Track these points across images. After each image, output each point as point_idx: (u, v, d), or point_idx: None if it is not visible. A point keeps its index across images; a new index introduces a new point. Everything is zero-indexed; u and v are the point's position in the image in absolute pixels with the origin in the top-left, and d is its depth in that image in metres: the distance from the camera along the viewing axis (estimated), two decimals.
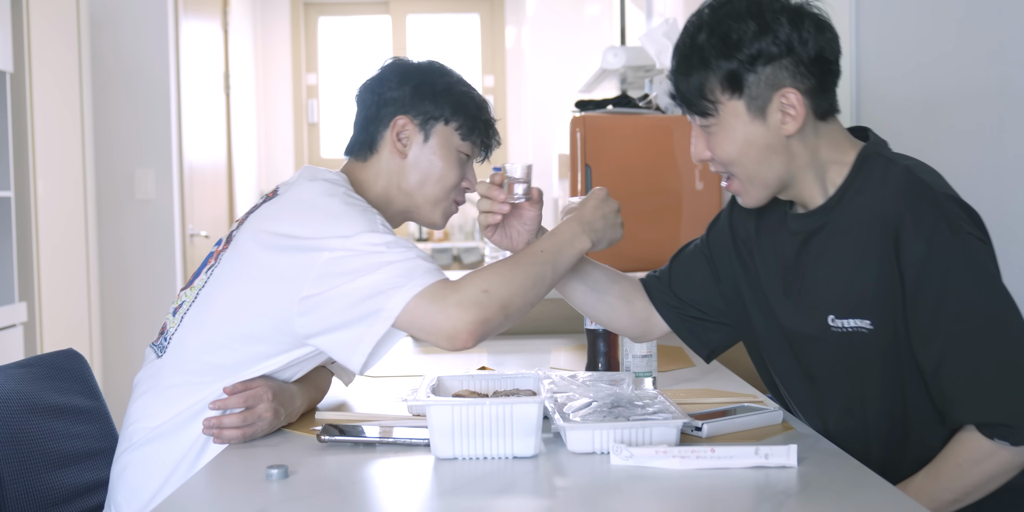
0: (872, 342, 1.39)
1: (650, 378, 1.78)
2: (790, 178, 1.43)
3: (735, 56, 1.35)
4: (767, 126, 1.38)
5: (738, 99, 1.37)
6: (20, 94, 3.16)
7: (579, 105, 2.75)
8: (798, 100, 1.36)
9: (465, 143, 1.63)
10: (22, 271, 3.15)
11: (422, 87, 1.61)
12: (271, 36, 5.98)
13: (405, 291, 1.35)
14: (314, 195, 1.48)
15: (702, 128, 1.42)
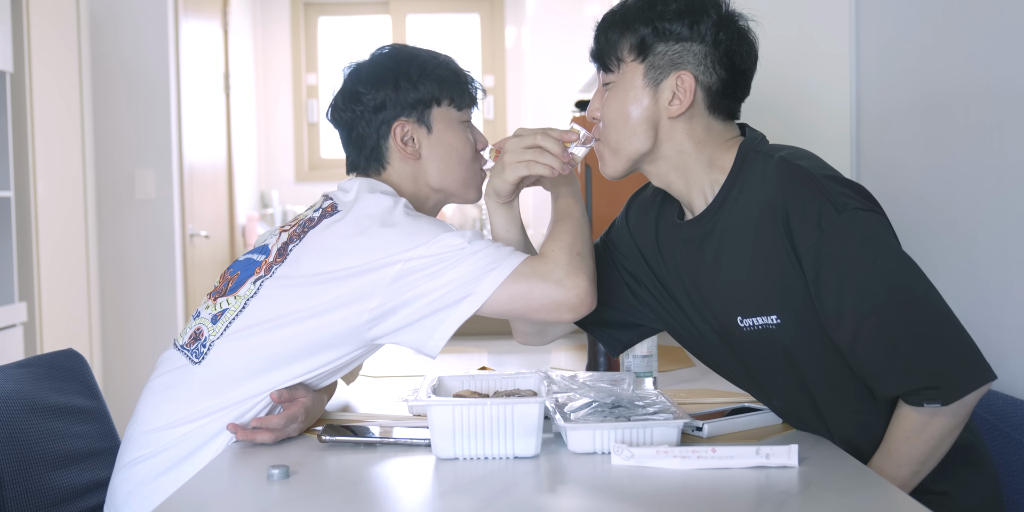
0: (783, 335, 1.39)
1: (650, 378, 1.78)
2: (661, 161, 1.44)
3: (653, 23, 1.40)
4: (655, 100, 1.41)
5: (640, 63, 1.41)
6: (20, 94, 3.16)
7: (579, 105, 2.75)
8: (691, 86, 1.40)
9: (462, 112, 1.63)
10: (22, 271, 3.15)
11: (400, 83, 1.59)
12: (271, 36, 5.97)
13: (496, 273, 1.38)
14: (382, 210, 1.46)
15: (603, 86, 1.46)
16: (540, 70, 5.22)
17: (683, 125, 1.42)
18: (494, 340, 2.55)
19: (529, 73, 5.35)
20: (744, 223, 1.39)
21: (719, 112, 1.44)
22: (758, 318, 1.40)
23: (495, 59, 6.03)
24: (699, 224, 1.45)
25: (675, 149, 1.43)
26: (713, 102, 1.42)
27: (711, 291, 1.45)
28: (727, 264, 1.42)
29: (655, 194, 1.58)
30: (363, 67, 1.63)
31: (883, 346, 1.32)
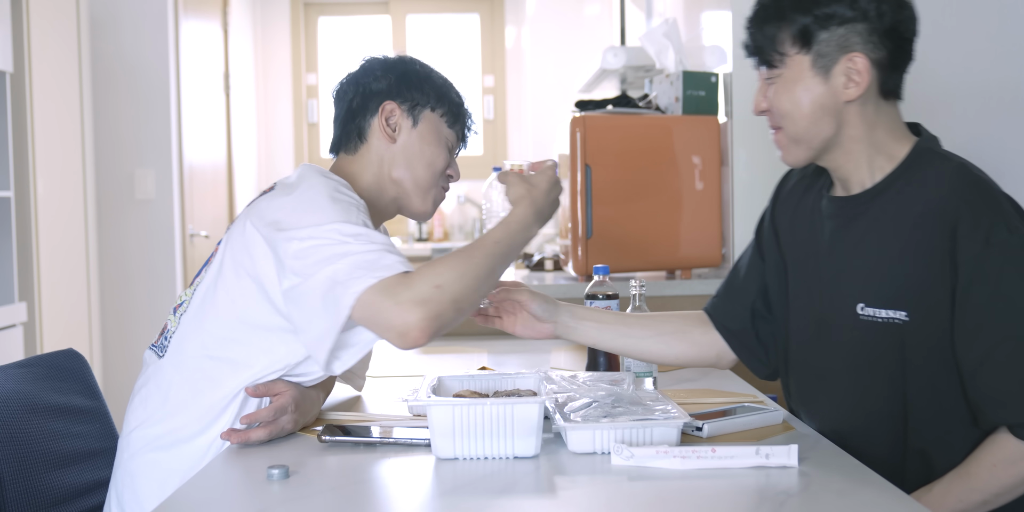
0: (902, 334, 1.38)
1: (650, 378, 1.78)
2: (837, 146, 1.44)
3: (811, 11, 1.38)
4: (828, 86, 1.40)
5: (805, 54, 1.40)
6: (20, 94, 3.16)
7: (579, 105, 2.75)
8: (864, 66, 1.38)
9: (451, 131, 1.66)
10: (22, 271, 3.15)
11: (407, 75, 1.63)
12: (271, 36, 5.97)
13: (359, 283, 1.30)
14: (302, 185, 1.47)
15: (766, 80, 1.45)
16: (540, 70, 5.22)
17: (857, 108, 1.41)
18: (494, 340, 2.55)
19: (529, 73, 5.35)
20: (903, 215, 1.39)
21: (888, 91, 1.42)
22: (884, 310, 1.39)
23: (495, 59, 6.03)
24: (853, 203, 1.45)
25: (849, 133, 1.42)
26: (885, 77, 1.41)
27: (840, 273, 1.45)
28: (870, 250, 1.41)
29: (802, 177, 1.59)
30: (384, 57, 1.68)
31: (1010, 374, 1.32)
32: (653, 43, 2.90)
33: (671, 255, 2.69)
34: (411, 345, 1.31)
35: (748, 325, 1.65)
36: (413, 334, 1.30)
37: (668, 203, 2.67)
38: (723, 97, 2.73)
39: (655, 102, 2.81)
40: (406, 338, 1.31)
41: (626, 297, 1.92)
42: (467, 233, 5.85)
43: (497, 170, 2.97)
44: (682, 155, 2.68)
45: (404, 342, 1.31)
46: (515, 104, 5.91)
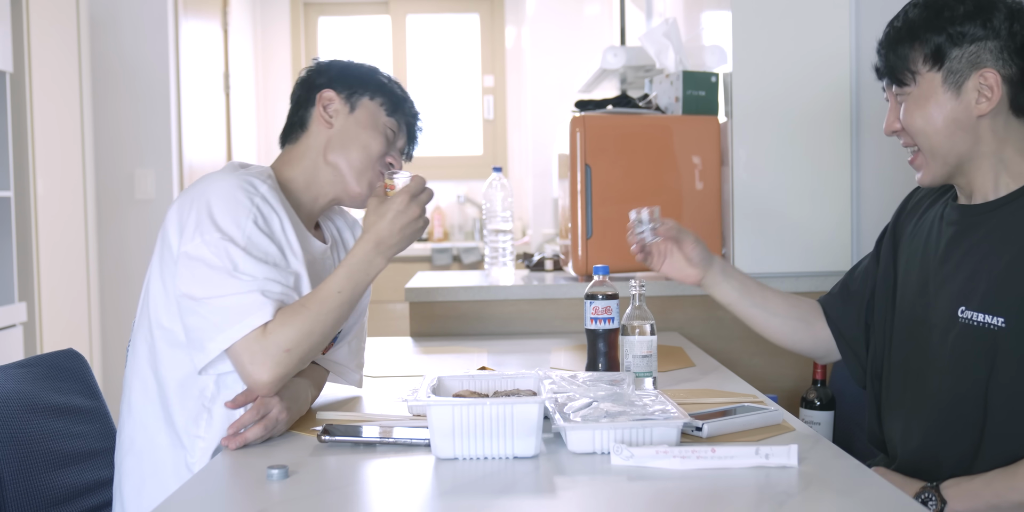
0: (996, 340, 1.39)
1: (650, 378, 1.78)
2: (969, 161, 1.47)
3: (945, 29, 1.43)
4: (960, 102, 1.44)
5: (937, 72, 1.44)
6: (20, 94, 3.16)
7: (579, 105, 2.75)
8: (996, 82, 1.42)
9: (391, 119, 1.69)
10: (22, 271, 3.15)
11: (349, 68, 1.71)
12: (271, 36, 5.97)
13: (223, 338, 1.44)
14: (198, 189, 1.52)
15: (897, 98, 1.50)
16: (540, 70, 5.22)
17: (988, 122, 1.45)
18: (494, 340, 2.55)
19: (529, 73, 5.35)
20: (1020, 228, 1.41)
21: (1019, 107, 1.45)
22: (982, 315, 1.41)
23: (495, 59, 6.03)
24: (976, 211, 1.48)
25: (982, 148, 1.46)
26: (1015, 93, 1.44)
27: (949, 276, 1.48)
28: (982, 257, 1.44)
29: (930, 191, 1.63)
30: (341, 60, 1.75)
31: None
32: (653, 43, 2.90)
33: None
34: (260, 394, 1.47)
35: (860, 333, 1.71)
36: (262, 389, 1.46)
37: (668, 203, 2.67)
38: (723, 97, 2.73)
39: (655, 102, 2.81)
40: (256, 390, 1.47)
41: (626, 297, 1.92)
42: (467, 233, 5.85)
43: (497, 170, 2.97)
44: (682, 155, 2.68)
45: (255, 391, 1.47)
46: (515, 104, 5.91)
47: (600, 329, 1.85)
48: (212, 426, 1.54)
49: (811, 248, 2.67)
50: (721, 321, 2.66)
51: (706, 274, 1.71)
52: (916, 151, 1.51)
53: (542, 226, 5.10)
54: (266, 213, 1.52)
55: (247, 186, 1.52)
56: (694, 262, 1.69)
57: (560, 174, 2.90)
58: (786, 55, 2.59)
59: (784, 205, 2.65)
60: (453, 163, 5.99)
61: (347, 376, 1.78)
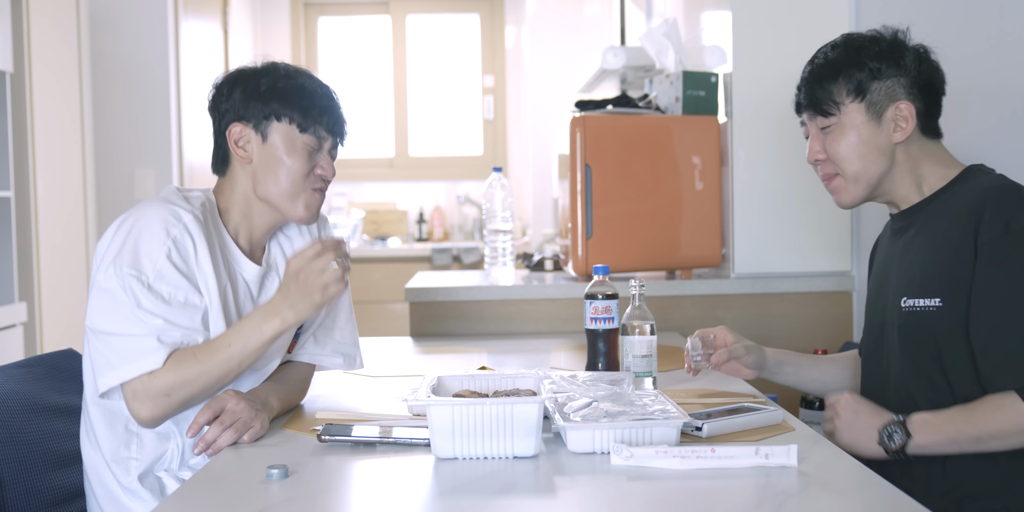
0: (935, 321, 1.52)
1: (650, 378, 1.78)
2: (888, 181, 1.63)
3: (866, 65, 1.61)
4: (880, 130, 1.61)
5: (859, 103, 1.61)
6: (20, 94, 3.16)
7: (579, 105, 2.75)
8: (910, 112, 1.60)
9: (305, 135, 1.62)
10: (22, 271, 3.15)
11: (247, 90, 1.61)
12: (271, 36, 5.97)
13: (114, 376, 1.49)
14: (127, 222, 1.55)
15: (821, 130, 1.66)
16: (540, 70, 5.22)
17: (904, 147, 1.62)
18: (494, 340, 2.55)
19: (529, 73, 5.35)
20: (945, 215, 1.56)
21: (928, 131, 1.63)
22: (921, 299, 1.54)
23: (495, 59, 6.03)
24: (906, 214, 1.65)
25: (897, 169, 1.63)
26: (925, 122, 1.62)
27: (895, 276, 1.62)
28: (916, 248, 1.59)
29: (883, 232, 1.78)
30: (238, 71, 1.67)
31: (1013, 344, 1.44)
32: (653, 43, 2.90)
33: (671, 255, 2.69)
34: (140, 425, 1.54)
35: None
36: (144, 424, 1.53)
37: (668, 203, 2.67)
38: (723, 97, 2.73)
39: (655, 102, 2.81)
40: (138, 423, 1.53)
41: (626, 297, 1.92)
42: (467, 233, 5.85)
43: (497, 170, 2.97)
44: (682, 155, 2.68)
45: (138, 423, 1.53)
46: (515, 104, 5.90)
47: (600, 329, 1.85)
48: (144, 447, 1.58)
49: (811, 248, 2.67)
50: (721, 321, 2.66)
51: (761, 372, 1.80)
52: (834, 176, 1.66)
53: (542, 226, 5.10)
54: (182, 246, 1.53)
55: (170, 217, 1.54)
56: (750, 366, 1.77)
57: (560, 174, 2.90)
58: (786, 55, 2.59)
59: (784, 205, 2.65)
60: (453, 163, 5.99)
61: (327, 361, 1.78)
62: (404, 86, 6.05)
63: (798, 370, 1.83)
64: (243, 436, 1.46)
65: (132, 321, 1.49)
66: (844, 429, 1.54)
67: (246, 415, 1.47)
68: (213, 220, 1.61)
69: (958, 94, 2.14)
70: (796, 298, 2.66)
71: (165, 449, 1.58)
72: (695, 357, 1.72)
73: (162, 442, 1.58)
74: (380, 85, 6.05)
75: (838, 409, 1.56)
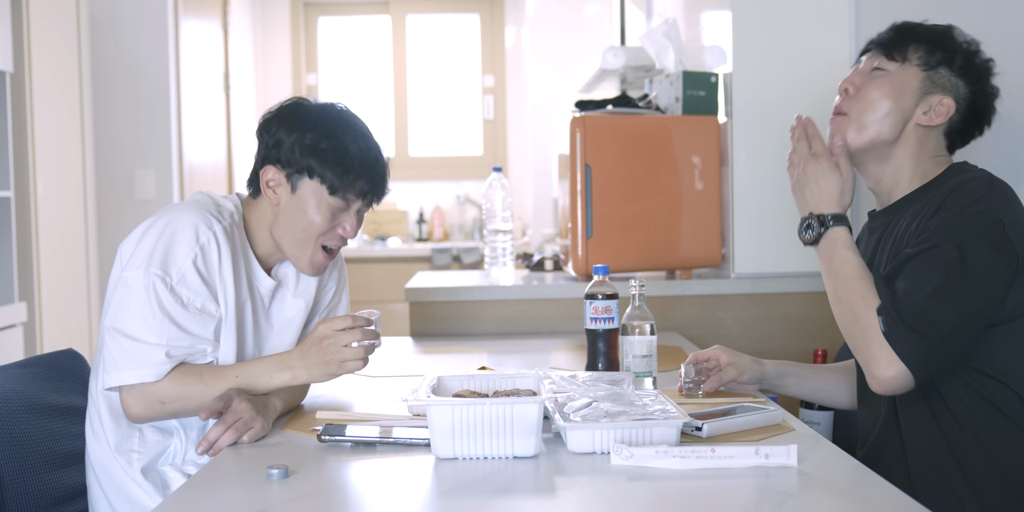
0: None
1: (650, 378, 1.78)
2: (889, 159, 1.63)
3: (955, 51, 1.62)
4: (915, 105, 1.62)
5: (923, 72, 1.62)
6: (20, 94, 3.16)
7: (579, 105, 2.75)
8: (948, 110, 1.61)
9: (333, 198, 1.63)
10: (22, 271, 3.15)
11: (292, 138, 1.63)
12: (271, 36, 5.97)
13: (118, 377, 1.52)
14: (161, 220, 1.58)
15: (871, 70, 1.65)
16: (540, 70, 5.22)
17: (921, 131, 1.63)
18: (494, 340, 2.55)
19: (529, 73, 5.35)
20: (922, 208, 1.57)
21: (951, 136, 1.65)
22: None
23: (495, 59, 6.03)
24: (887, 213, 1.66)
25: (904, 152, 1.63)
26: (951, 130, 1.65)
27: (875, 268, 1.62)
28: (891, 240, 1.61)
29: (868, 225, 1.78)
30: (296, 106, 1.68)
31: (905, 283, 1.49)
32: (653, 43, 2.90)
33: (671, 255, 2.69)
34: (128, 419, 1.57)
35: None
36: (129, 418, 1.56)
37: (668, 203, 2.67)
38: (723, 97, 2.73)
39: (655, 102, 2.81)
40: (126, 415, 1.56)
41: (626, 297, 1.92)
42: (467, 233, 5.85)
43: (497, 170, 2.97)
44: (682, 155, 2.68)
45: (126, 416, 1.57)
46: (515, 104, 5.90)
47: (600, 329, 1.85)
48: (145, 441, 1.60)
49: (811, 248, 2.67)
50: (721, 321, 2.66)
51: (762, 384, 1.81)
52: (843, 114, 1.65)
53: (542, 226, 5.10)
54: (208, 255, 1.57)
55: (202, 225, 1.57)
56: (748, 382, 1.78)
57: (560, 174, 2.90)
58: (786, 55, 2.59)
59: (784, 205, 2.65)
60: (453, 163, 5.99)
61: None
62: (404, 86, 6.05)
63: (800, 381, 1.84)
64: (243, 436, 1.46)
65: (148, 326, 1.52)
66: (809, 175, 1.61)
67: (247, 415, 1.48)
68: (240, 232, 1.65)
69: None
70: (796, 298, 2.66)
71: (168, 444, 1.60)
72: (687, 384, 1.72)
73: (164, 438, 1.60)
74: (380, 85, 6.05)
75: (805, 167, 1.61)
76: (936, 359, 1.45)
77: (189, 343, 1.55)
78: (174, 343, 1.53)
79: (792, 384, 1.83)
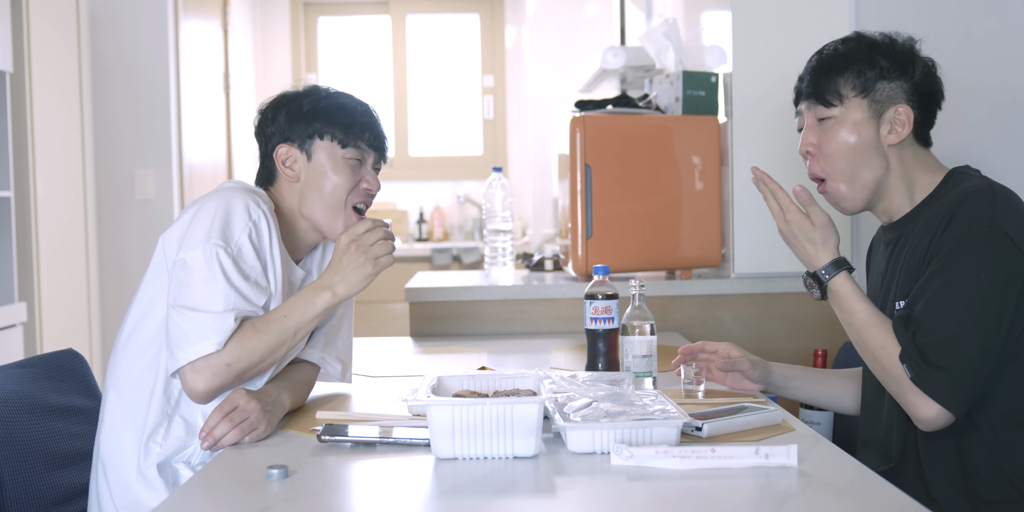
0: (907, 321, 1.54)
1: (650, 378, 1.78)
2: (884, 186, 1.62)
3: (878, 63, 1.60)
4: (876, 130, 1.60)
5: (863, 99, 1.60)
6: (20, 94, 3.16)
7: (579, 105, 2.75)
8: (908, 117, 1.60)
9: (348, 150, 1.69)
10: (22, 271, 3.15)
11: (291, 112, 1.70)
12: (271, 36, 5.97)
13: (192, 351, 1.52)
14: (200, 202, 1.60)
15: (818, 122, 1.64)
16: (540, 70, 5.22)
17: (896, 150, 1.61)
18: (494, 340, 2.55)
19: (529, 73, 5.35)
20: (931, 220, 1.56)
21: (920, 139, 1.63)
22: (901, 301, 1.56)
23: (495, 59, 6.03)
24: (897, 226, 1.65)
25: (895, 176, 1.62)
26: (917, 131, 1.62)
27: (893, 287, 1.62)
28: (907, 255, 1.59)
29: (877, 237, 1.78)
30: (282, 95, 1.75)
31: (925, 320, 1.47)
32: (653, 43, 2.90)
33: (671, 255, 2.69)
34: (194, 401, 1.55)
35: None
36: (196, 398, 1.55)
37: (668, 203, 2.67)
38: (723, 97, 2.73)
39: (655, 102, 2.81)
40: (190, 395, 1.55)
41: (626, 297, 1.92)
42: (467, 233, 5.85)
43: (497, 170, 2.97)
44: (682, 155, 2.68)
45: (189, 397, 1.55)
46: (515, 104, 5.90)
47: (600, 329, 1.85)
48: (169, 436, 1.59)
49: None
50: (721, 321, 2.66)
51: (767, 386, 1.82)
52: (825, 181, 1.64)
53: (542, 226, 5.10)
54: (260, 230, 1.60)
55: (251, 203, 1.60)
56: (754, 380, 1.79)
57: (560, 174, 2.90)
58: (786, 55, 2.59)
59: None
60: (453, 163, 5.99)
61: (329, 366, 1.81)
62: (404, 86, 6.05)
63: (806, 385, 1.84)
64: (245, 437, 1.46)
65: (214, 295, 1.53)
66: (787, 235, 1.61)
67: (254, 416, 1.48)
68: (275, 219, 1.67)
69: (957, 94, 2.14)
70: (796, 298, 2.66)
71: (189, 444, 1.59)
72: (686, 384, 1.72)
73: (188, 436, 1.59)
74: (380, 85, 6.05)
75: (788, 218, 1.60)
76: (970, 388, 1.45)
77: (249, 309, 1.56)
78: (240, 307, 1.55)
79: (797, 387, 1.84)
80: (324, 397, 1.79)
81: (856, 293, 1.57)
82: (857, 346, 1.57)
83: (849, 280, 1.58)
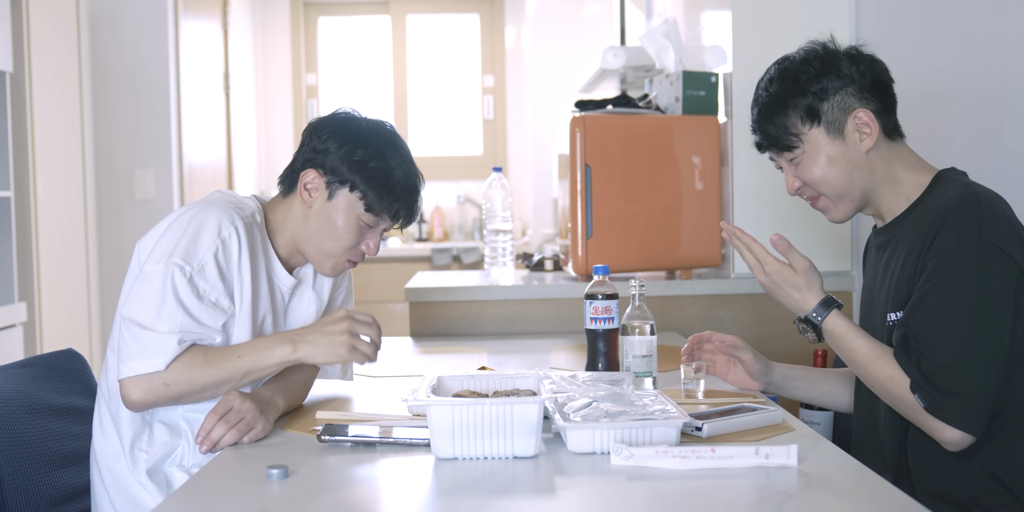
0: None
1: (650, 378, 1.78)
2: (872, 191, 1.62)
3: (808, 90, 1.59)
4: (847, 144, 1.60)
5: (817, 127, 1.60)
6: (20, 94, 3.16)
7: (579, 105, 2.75)
8: (870, 118, 1.58)
9: (367, 214, 1.66)
10: (22, 271, 3.15)
11: (343, 151, 1.65)
12: (271, 36, 5.97)
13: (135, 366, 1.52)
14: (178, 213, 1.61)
15: (790, 163, 1.65)
16: (540, 70, 5.22)
17: (875, 153, 1.60)
18: (494, 340, 2.55)
19: (529, 73, 5.35)
20: (919, 228, 1.55)
21: (891, 131, 1.62)
22: (894, 313, 1.56)
23: (495, 59, 6.03)
24: (887, 230, 1.64)
25: (880, 177, 1.61)
26: (884, 122, 1.60)
27: (882, 292, 1.62)
28: (896, 262, 1.59)
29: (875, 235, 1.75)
30: (349, 119, 1.71)
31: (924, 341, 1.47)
32: (653, 43, 2.90)
33: (671, 255, 2.69)
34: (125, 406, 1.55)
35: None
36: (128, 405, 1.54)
37: (668, 203, 2.67)
38: (723, 97, 2.73)
39: (655, 102, 2.81)
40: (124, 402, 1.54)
41: (626, 297, 1.92)
42: (467, 233, 5.85)
43: (497, 170, 2.97)
44: (682, 155, 2.68)
45: (123, 402, 1.55)
46: (515, 104, 5.90)
47: (600, 329, 1.85)
48: (154, 441, 1.59)
49: (811, 248, 2.66)
50: (720, 321, 2.66)
51: (768, 384, 1.82)
52: (817, 197, 1.65)
53: (542, 226, 5.09)
54: (229, 249, 1.58)
55: (225, 219, 1.59)
56: (755, 376, 1.80)
57: (560, 174, 2.90)
58: None
59: (784, 205, 2.65)
60: (453, 163, 5.99)
61: (328, 366, 1.81)
62: (404, 86, 6.05)
63: (807, 384, 1.84)
64: (244, 437, 1.46)
65: (161, 315, 1.53)
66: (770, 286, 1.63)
67: (250, 416, 1.48)
68: (261, 231, 1.66)
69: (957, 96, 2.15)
70: None
71: (176, 446, 1.60)
72: (686, 384, 1.72)
73: (173, 439, 1.60)
74: (380, 85, 6.05)
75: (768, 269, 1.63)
76: (985, 406, 1.45)
77: (200, 332, 1.55)
78: (187, 330, 1.54)
79: (799, 387, 1.84)
80: (324, 397, 1.79)
81: (852, 330, 1.57)
82: (865, 381, 1.57)
83: (841, 318, 1.58)
